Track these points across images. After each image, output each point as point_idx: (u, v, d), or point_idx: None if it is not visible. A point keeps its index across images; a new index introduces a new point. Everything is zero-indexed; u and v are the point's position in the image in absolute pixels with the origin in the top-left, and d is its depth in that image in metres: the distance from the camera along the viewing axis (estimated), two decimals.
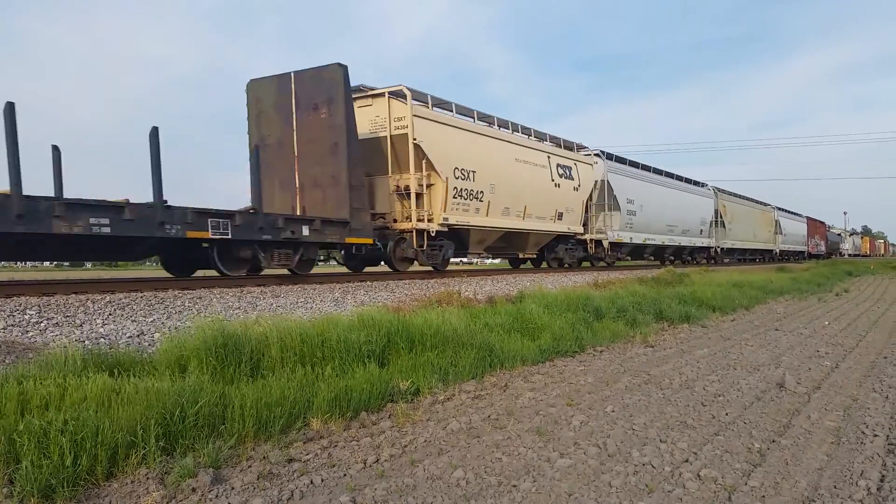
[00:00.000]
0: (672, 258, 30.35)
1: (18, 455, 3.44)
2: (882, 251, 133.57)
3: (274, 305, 8.52)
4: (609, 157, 23.86)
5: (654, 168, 27.80)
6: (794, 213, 53.05)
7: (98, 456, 3.56)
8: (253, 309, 8.04)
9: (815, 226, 57.24)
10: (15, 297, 7.45)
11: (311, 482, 3.62)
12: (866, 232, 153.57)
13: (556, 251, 20.92)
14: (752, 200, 41.50)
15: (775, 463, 3.96)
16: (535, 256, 21.04)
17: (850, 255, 79.26)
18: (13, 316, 6.45)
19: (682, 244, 29.89)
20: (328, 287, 10.95)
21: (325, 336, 5.92)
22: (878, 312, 13.83)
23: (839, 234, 79.28)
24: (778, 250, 47.11)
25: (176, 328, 5.82)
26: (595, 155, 22.95)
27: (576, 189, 20.98)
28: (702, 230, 32.02)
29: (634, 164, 26.11)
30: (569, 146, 21.41)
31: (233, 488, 3.51)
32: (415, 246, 14.50)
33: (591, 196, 22.09)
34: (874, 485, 3.59)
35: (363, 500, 3.39)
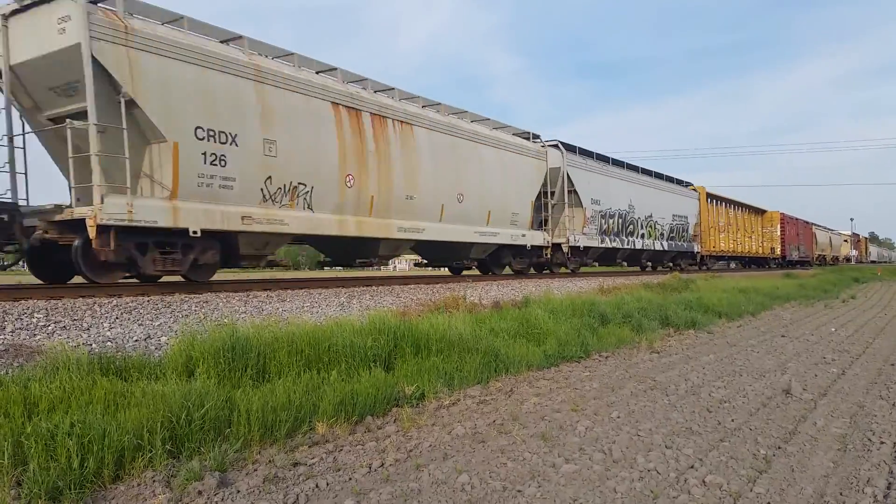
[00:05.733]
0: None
1: (26, 457, 3.46)
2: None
3: (280, 310, 8.55)
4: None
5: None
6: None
7: (105, 459, 3.58)
8: (259, 313, 8.07)
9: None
10: (23, 301, 7.49)
11: (317, 486, 3.63)
12: (873, 238, 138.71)
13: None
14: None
15: (781, 469, 3.95)
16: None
17: (701, 256, 31.81)
18: (21, 319, 6.49)
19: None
20: (334, 292, 10.97)
21: (331, 340, 5.94)
22: (886, 319, 13.77)
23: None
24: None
25: (184, 332, 5.85)
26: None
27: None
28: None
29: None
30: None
31: (238, 492, 3.52)
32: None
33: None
34: (881, 492, 3.58)
35: None
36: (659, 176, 27.90)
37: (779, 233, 44.65)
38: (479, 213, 15.97)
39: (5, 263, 9.69)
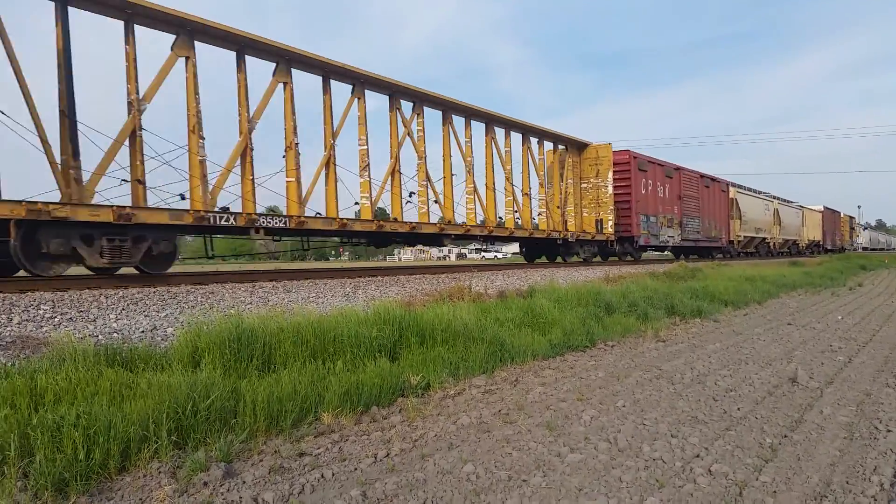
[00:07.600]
0: None
1: (32, 449, 3.48)
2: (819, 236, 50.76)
3: (286, 300, 8.56)
4: None
5: None
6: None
7: (110, 450, 3.59)
8: (265, 304, 8.08)
9: None
10: (29, 293, 7.52)
11: (322, 476, 3.64)
12: (880, 226, 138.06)
13: None
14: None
15: (787, 458, 3.94)
16: None
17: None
18: (28, 311, 6.52)
19: None
20: (339, 282, 10.98)
21: (336, 331, 5.94)
22: (893, 307, 13.70)
23: None
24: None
25: (190, 323, 5.87)
26: None
27: None
28: None
29: None
30: None
31: (244, 482, 3.53)
32: None
33: None
34: (887, 480, 3.56)
35: (374, 494, 3.40)
36: None
37: (611, 190, 21.68)
38: None
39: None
